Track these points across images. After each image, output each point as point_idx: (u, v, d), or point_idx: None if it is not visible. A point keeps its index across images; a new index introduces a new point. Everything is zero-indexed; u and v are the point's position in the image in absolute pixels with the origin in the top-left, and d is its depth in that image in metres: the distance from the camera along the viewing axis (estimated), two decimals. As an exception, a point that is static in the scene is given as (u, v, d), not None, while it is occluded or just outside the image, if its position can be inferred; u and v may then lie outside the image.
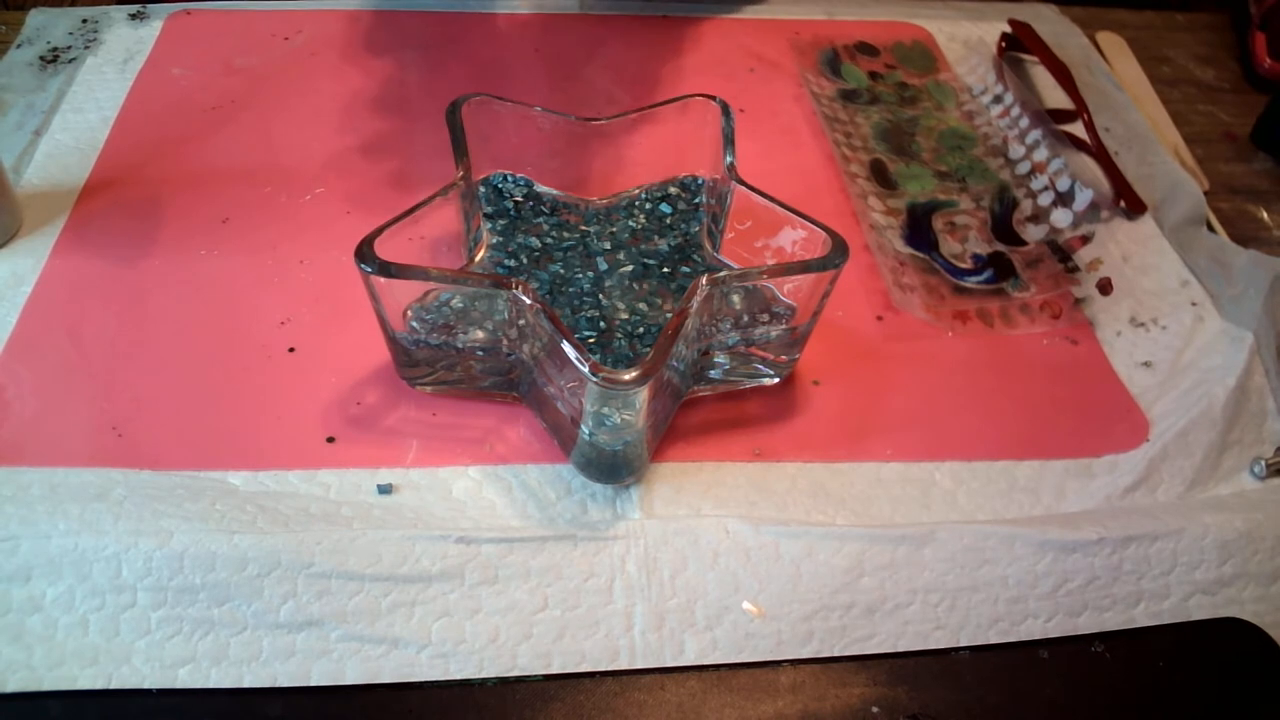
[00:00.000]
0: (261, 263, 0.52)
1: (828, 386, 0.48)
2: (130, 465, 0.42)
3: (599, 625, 0.39)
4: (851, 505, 0.44)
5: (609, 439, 0.41)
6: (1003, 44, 0.70)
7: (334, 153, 0.59)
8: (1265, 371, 0.50)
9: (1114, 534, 0.42)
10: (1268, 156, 0.66)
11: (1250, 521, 0.43)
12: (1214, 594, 0.42)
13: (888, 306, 0.53)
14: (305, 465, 0.43)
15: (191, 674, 0.37)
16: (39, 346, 0.47)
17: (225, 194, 0.56)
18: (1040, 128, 0.62)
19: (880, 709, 0.38)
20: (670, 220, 0.52)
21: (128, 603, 0.38)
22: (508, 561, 0.40)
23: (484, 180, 0.52)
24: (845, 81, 0.68)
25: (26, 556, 0.38)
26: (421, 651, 0.38)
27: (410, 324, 0.44)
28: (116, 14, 0.68)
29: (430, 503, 0.42)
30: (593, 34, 0.70)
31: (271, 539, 0.39)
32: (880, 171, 0.60)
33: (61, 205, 0.54)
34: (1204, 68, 0.74)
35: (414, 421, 0.45)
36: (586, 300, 0.47)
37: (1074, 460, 0.46)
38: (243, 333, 0.48)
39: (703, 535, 0.41)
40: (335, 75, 0.65)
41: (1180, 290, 0.55)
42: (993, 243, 0.55)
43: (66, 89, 0.62)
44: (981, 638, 0.40)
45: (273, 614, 0.38)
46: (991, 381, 0.49)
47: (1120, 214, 0.60)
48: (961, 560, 0.41)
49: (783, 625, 0.40)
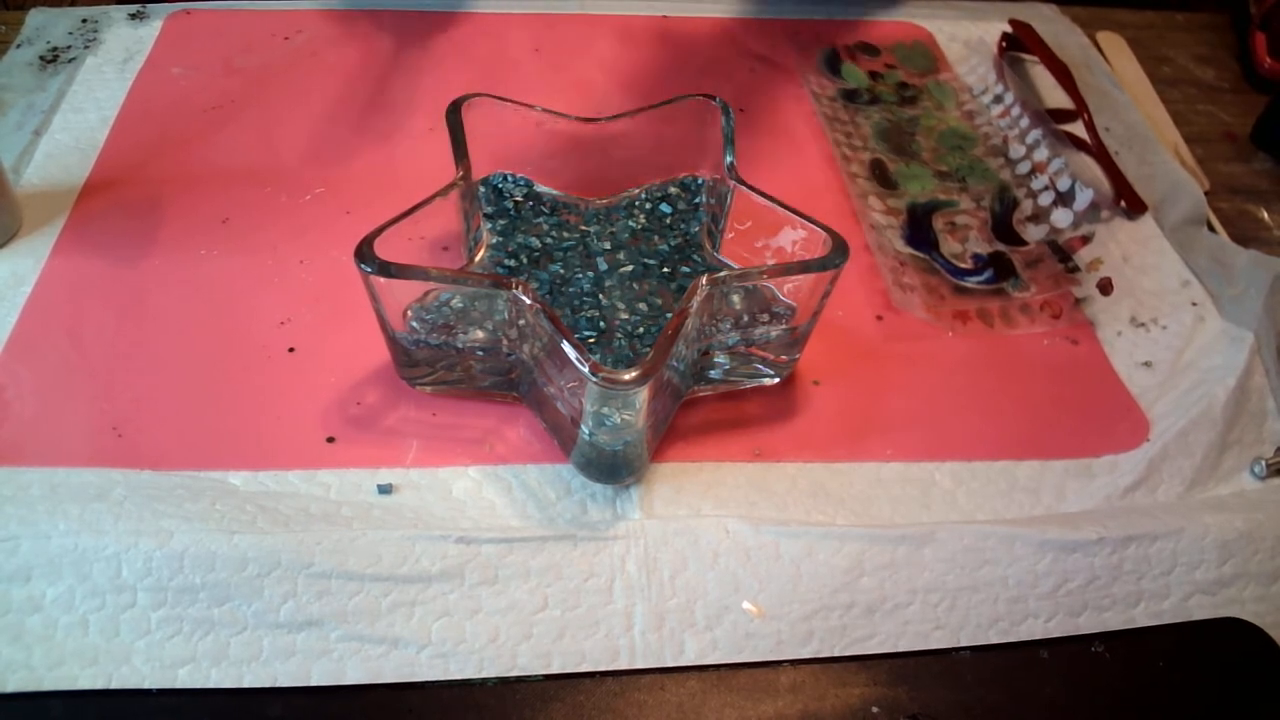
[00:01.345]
0: (261, 263, 0.52)
1: (828, 386, 0.48)
2: (130, 465, 0.42)
3: (599, 625, 0.39)
4: (851, 505, 0.44)
5: (609, 439, 0.41)
6: (1003, 44, 0.70)
7: (334, 153, 0.59)
8: (1265, 371, 0.50)
9: (1114, 534, 0.42)
10: (1268, 156, 0.66)
11: (1250, 521, 0.43)
12: (1214, 594, 0.42)
13: (888, 306, 0.53)
14: (305, 465, 0.43)
15: (191, 674, 0.37)
16: (39, 346, 0.47)
17: (225, 194, 0.56)
18: (1040, 128, 0.62)
19: (880, 709, 0.38)
20: (670, 220, 0.52)
21: (128, 603, 0.38)
22: (508, 561, 0.40)
23: (484, 180, 0.52)
24: (845, 81, 0.68)
25: (26, 556, 0.38)
26: (421, 651, 0.38)
27: (410, 324, 0.44)
28: (116, 14, 0.68)
29: (430, 503, 0.42)
30: (593, 34, 0.70)
31: (271, 539, 0.39)
32: (880, 171, 0.60)
33: (61, 205, 0.54)
34: (1204, 68, 0.74)
35: (414, 421, 0.45)
36: (586, 300, 0.47)
37: (1074, 460, 0.46)
38: (243, 333, 0.48)
39: (703, 535, 0.41)
40: (335, 75, 0.65)
41: (1180, 290, 0.55)
42: (993, 243, 0.55)
43: (66, 89, 0.62)
44: (981, 638, 0.40)
45: (273, 614, 0.38)
46: (991, 381, 0.49)
47: (1120, 214, 0.60)
48: (961, 560, 0.41)
49: (783, 625, 0.40)
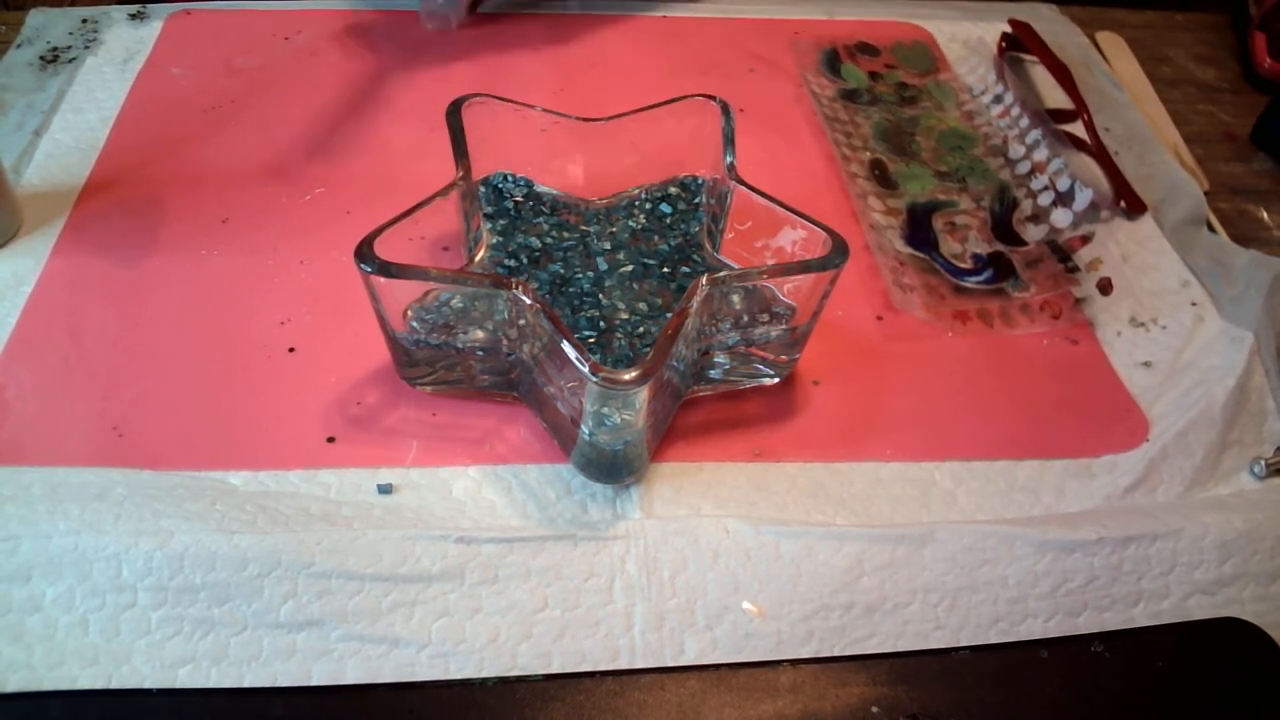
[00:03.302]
0: (261, 263, 0.52)
1: (828, 386, 0.48)
2: (130, 465, 0.42)
3: (599, 625, 0.39)
4: (851, 505, 0.44)
5: (609, 439, 0.41)
6: (1003, 44, 0.70)
7: (334, 153, 0.59)
8: (1265, 371, 0.50)
9: (1114, 534, 0.42)
10: (1268, 156, 0.66)
11: (1250, 521, 0.43)
12: (1213, 594, 0.42)
13: (888, 306, 0.53)
14: (305, 465, 0.43)
15: (192, 674, 0.37)
16: (39, 346, 0.47)
17: (225, 194, 0.56)
18: (1040, 128, 0.62)
19: (880, 709, 0.38)
20: (670, 220, 0.52)
21: (128, 602, 0.38)
22: (508, 561, 0.40)
23: (484, 180, 0.52)
24: (845, 81, 0.68)
25: (27, 556, 0.38)
26: (422, 651, 0.38)
27: (410, 324, 0.44)
28: (116, 14, 0.68)
29: (430, 503, 0.42)
30: (593, 34, 0.70)
31: (272, 539, 0.39)
32: (880, 171, 0.60)
33: (62, 205, 0.54)
34: (1204, 68, 0.74)
35: (414, 421, 0.45)
36: (586, 300, 0.47)
37: (1074, 460, 0.46)
38: (243, 333, 0.48)
39: (703, 535, 0.41)
40: (335, 75, 0.65)
41: (1180, 290, 0.55)
42: (993, 243, 0.55)
43: (66, 89, 0.62)
44: (981, 637, 0.40)
45: (273, 614, 0.38)
46: (991, 381, 0.49)
47: (1120, 214, 0.60)
48: (961, 560, 0.41)
49: (782, 625, 0.40)
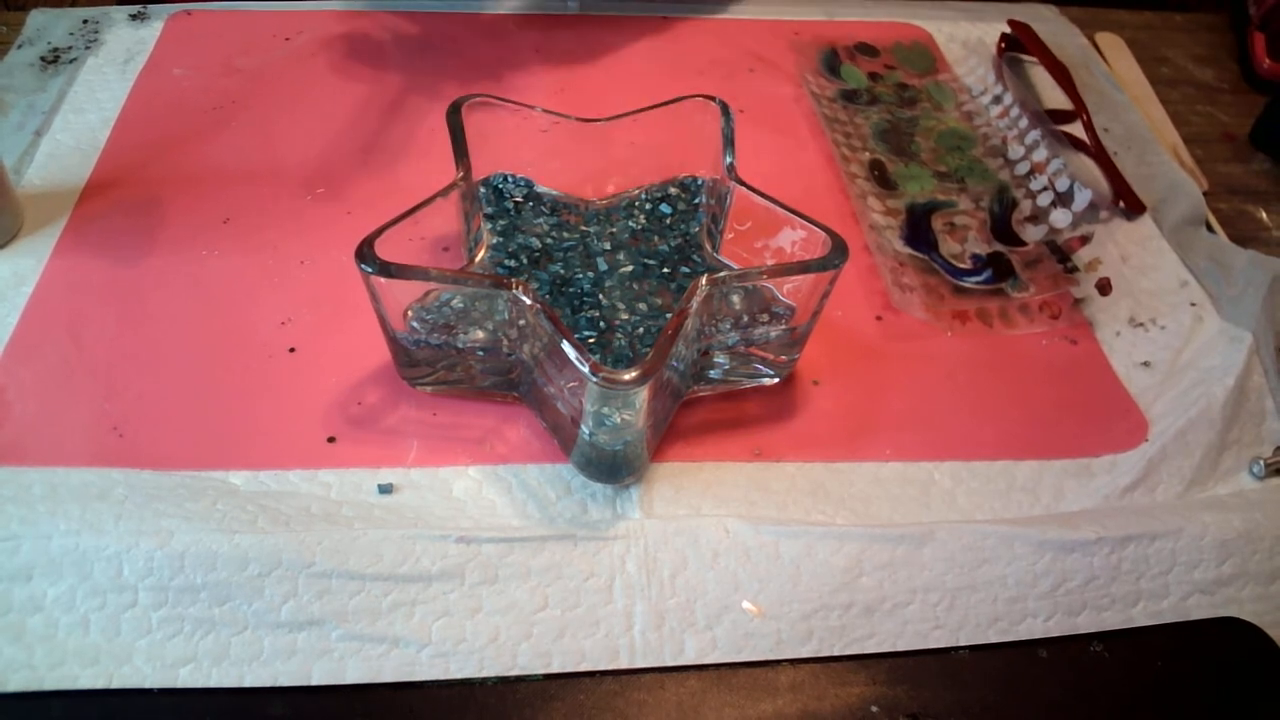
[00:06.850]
0: (262, 263, 0.52)
1: (827, 386, 0.48)
2: (131, 465, 0.43)
3: (599, 625, 0.39)
4: (851, 505, 0.44)
5: (609, 439, 0.41)
6: (1002, 44, 0.71)
7: (334, 153, 0.59)
8: (1264, 371, 0.50)
9: (1113, 534, 0.42)
10: (1266, 157, 0.66)
11: (1249, 521, 0.43)
12: (1213, 594, 0.42)
13: (887, 306, 0.53)
14: (306, 465, 0.43)
15: (192, 673, 0.37)
16: (40, 346, 0.47)
17: (225, 194, 0.56)
18: (1039, 128, 0.62)
19: (880, 708, 0.38)
20: (670, 221, 0.52)
21: (129, 602, 0.38)
22: (508, 561, 0.40)
23: (484, 180, 0.52)
24: (845, 82, 0.68)
25: (28, 556, 0.38)
26: (422, 651, 0.38)
27: (410, 324, 0.44)
28: (117, 14, 0.68)
29: (431, 502, 0.42)
30: (592, 34, 0.70)
31: (272, 539, 0.39)
32: (880, 172, 0.60)
33: (62, 205, 0.54)
34: (1203, 68, 0.74)
35: (414, 421, 0.45)
36: (586, 300, 0.47)
37: (1073, 460, 0.46)
38: (243, 333, 0.49)
39: (702, 535, 0.41)
40: (335, 75, 0.65)
41: (1179, 290, 0.55)
42: (992, 243, 0.56)
43: (67, 89, 0.62)
44: (980, 637, 0.40)
45: (274, 613, 0.38)
46: (991, 381, 0.49)
47: (1119, 214, 0.60)
48: (960, 560, 0.41)
49: (782, 625, 0.40)
